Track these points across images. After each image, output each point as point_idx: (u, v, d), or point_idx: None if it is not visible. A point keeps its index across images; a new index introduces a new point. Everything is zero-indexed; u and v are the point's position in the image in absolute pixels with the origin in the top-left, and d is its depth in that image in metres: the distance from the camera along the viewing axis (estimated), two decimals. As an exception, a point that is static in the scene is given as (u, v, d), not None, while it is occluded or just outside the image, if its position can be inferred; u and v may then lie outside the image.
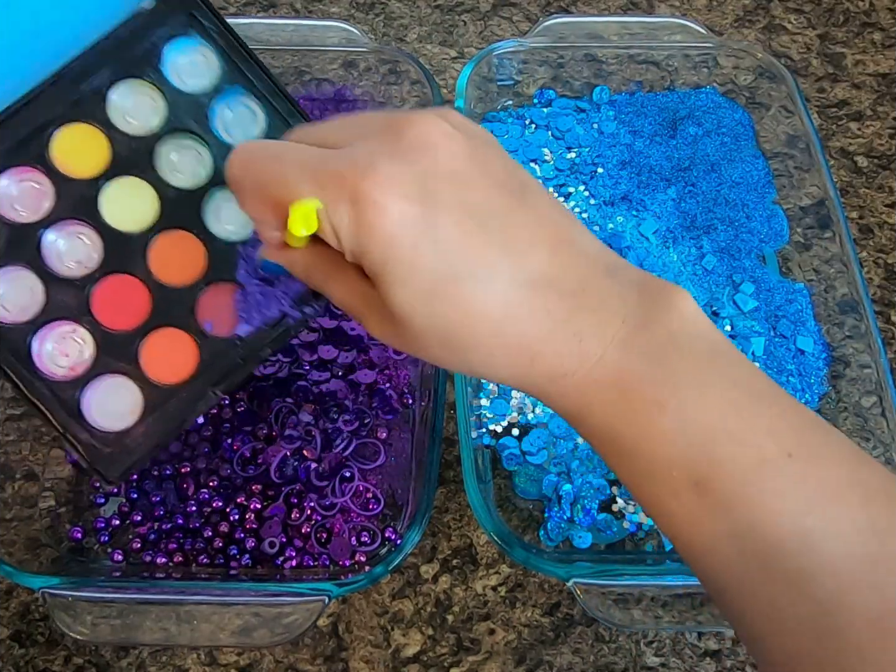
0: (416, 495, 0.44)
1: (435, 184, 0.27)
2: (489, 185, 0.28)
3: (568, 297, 0.27)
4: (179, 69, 0.42)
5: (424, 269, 0.26)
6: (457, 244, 0.27)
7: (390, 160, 0.26)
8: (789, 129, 0.58)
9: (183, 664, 0.44)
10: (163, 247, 0.41)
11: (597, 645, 0.45)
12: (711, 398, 0.26)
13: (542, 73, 0.61)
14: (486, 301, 0.27)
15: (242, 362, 0.41)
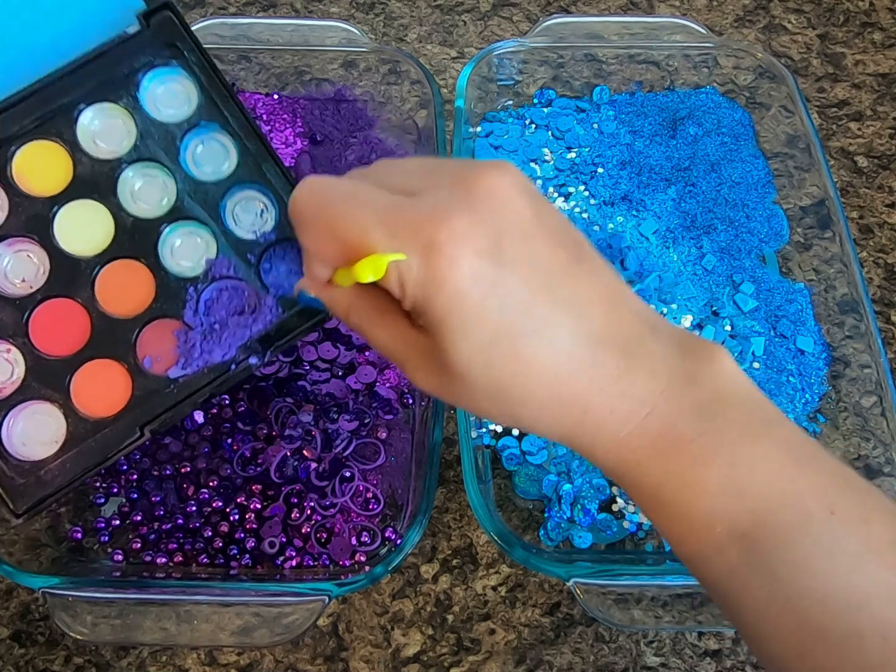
0: (416, 495, 0.44)
1: (505, 240, 0.27)
2: (552, 242, 0.28)
3: (620, 354, 0.28)
4: (156, 98, 0.42)
5: (489, 324, 0.27)
6: (523, 302, 0.27)
7: (464, 213, 0.27)
8: (789, 129, 0.58)
9: (183, 664, 0.44)
10: (111, 275, 0.40)
11: (597, 645, 0.45)
12: (757, 455, 0.27)
13: (542, 73, 0.61)
14: (546, 357, 0.27)
15: (175, 404, 0.40)
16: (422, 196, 0.28)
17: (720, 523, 0.27)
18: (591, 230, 0.55)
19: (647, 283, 0.52)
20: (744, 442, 0.27)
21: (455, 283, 0.26)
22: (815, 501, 0.26)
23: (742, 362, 0.51)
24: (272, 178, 0.42)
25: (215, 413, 0.47)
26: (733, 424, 0.27)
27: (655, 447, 0.27)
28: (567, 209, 0.56)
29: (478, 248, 0.26)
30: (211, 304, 0.41)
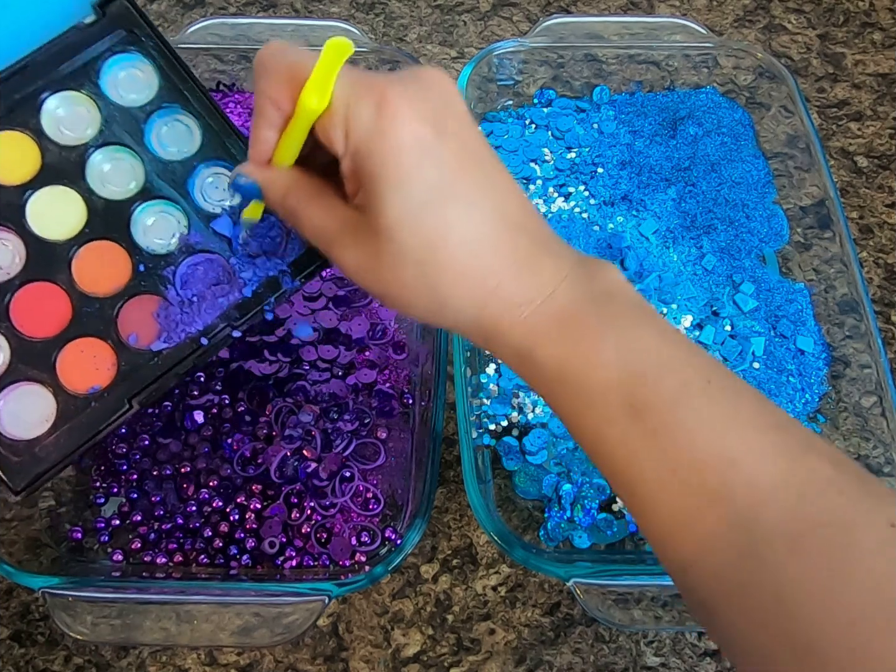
0: (416, 495, 0.44)
1: (444, 117, 0.30)
2: (479, 134, 0.32)
3: (531, 240, 0.31)
4: (117, 83, 0.43)
5: (422, 182, 0.29)
6: (454, 171, 0.30)
7: (412, 84, 0.30)
8: (789, 129, 0.58)
9: (183, 664, 0.44)
10: (88, 256, 0.41)
11: (597, 645, 0.45)
12: (643, 334, 0.30)
13: (542, 73, 0.61)
14: (470, 227, 0.30)
15: (160, 376, 0.41)
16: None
17: (613, 394, 0.29)
18: (591, 230, 0.55)
19: (647, 283, 0.52)
20: (633, 324, 0.30)
21: (398, 137, 0.29)
22: (693, 371, 0.29)
23: (742, 362, 0.51)
24: (237, 153, 0.44)
25: (215, 413, 0.47)
26: (624, 312, 0.31)
27: (558, 324, 0.30)
28: (567, 209, 0.56)
29: (422, 114, 0.29)
30: (187, 277, 0.42)
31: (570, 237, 0.54)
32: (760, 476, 0.27)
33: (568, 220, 0.55)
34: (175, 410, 0.47)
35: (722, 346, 0.51)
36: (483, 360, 0.51)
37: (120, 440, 0.47)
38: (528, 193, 0.57)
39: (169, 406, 0.47)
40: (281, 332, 0.49)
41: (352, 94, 0.30)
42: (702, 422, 0.28)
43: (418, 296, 0.31)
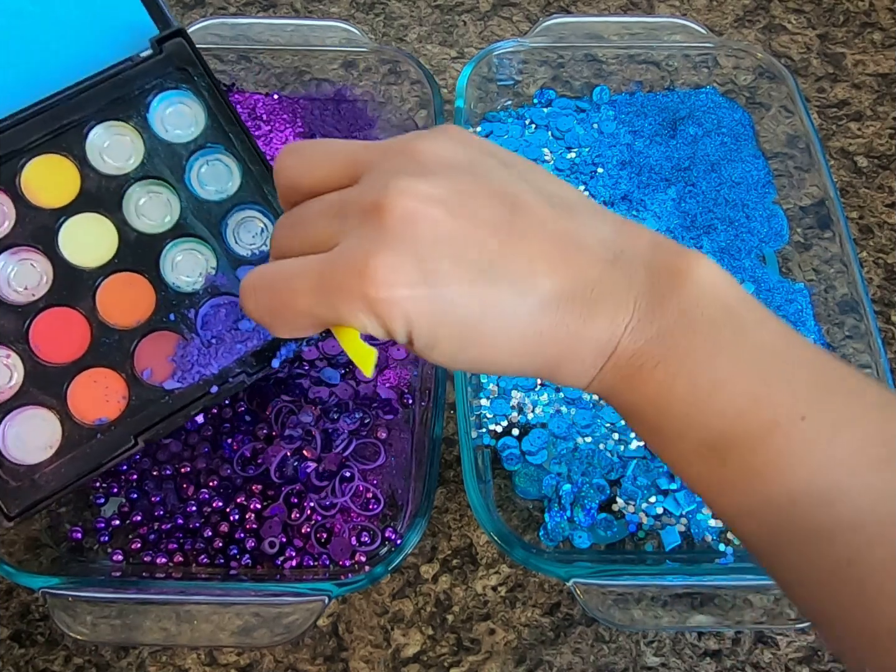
0: (416, 495, 0.44)
1: (429, 260, 0.27)
2: (478, 229, 0.28)
3: (580, 304, 0.28)
4: (164, 118, 0.44)
5: (445, 337, 0.28)
6: (467, 300, 0.28)
7: (380, 255, 0.27)
8: (789, 129, 0.58)
9: (183, 664, 0.44)
10: (113, 287, 0.42)
11: (597, 645, 0.45)
12: (722, 366, 0.27)
13: (542, 73, 0.61)
14: (507, 337, 0.28)
15: (169, 415, 0.41)
16: (340, 249, 0.28)
17: (690, 437, 0.28)
18: (591, 230, 0.55)
19: (647, 283, 0.52)
20: (709, 359, 0.27)
21: (403, 320, 0.28)
22: (782, 410, 0.26)
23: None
24: (273, 199, 0.44)
25: (215, 413, 0.47)
26: (700, 343, 0.27)
27: (623, 377, 0.28)
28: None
29: (408, 281, 0.27)
30: (209, 318, 0.42)
31: (570, 237, 0.54)
32: (862, 519, 0.25)
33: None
34: (175, 410, 0.47)
35: (722, 346, 0.51)
36: (483, 360, 0.50)
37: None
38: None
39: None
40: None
41: (343, 316, 0.29)
42: (788, 467, 0.26)
43: None
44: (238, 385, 0.42)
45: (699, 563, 0.44)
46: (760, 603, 0.42)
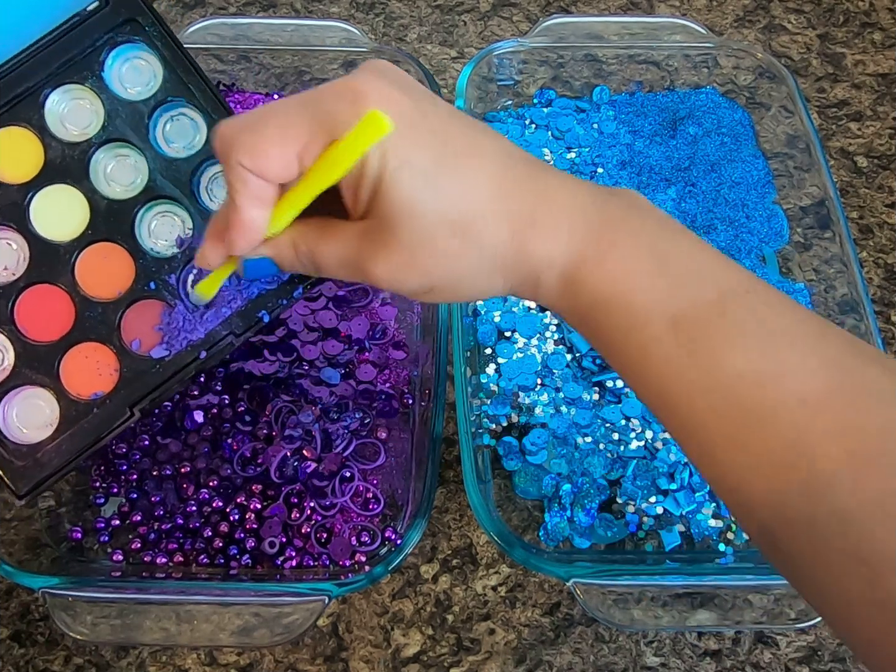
0: (416, 495, 0.44)
1: (412, 88, 0.30)
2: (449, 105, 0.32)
3: (545, 172, 0.31)
4: (121, 76, 0.42)
5: (425, 147, 0.29)
6: (447, 125, 0.30)
7: (368, 74, 0.29)
8: (789, 129, 0.58)
9: (183, 664, 0.44)
10: (90, 259, 0.41)
11: (597, 645, 0.45)
12: (680, 248, 0.30)
13: (542, 73, 0.61)
14: (483, 171, 0.30)
15: (162, 383, 0.40)
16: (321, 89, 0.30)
17: (658, 309, 0.28)
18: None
19: (647, 283, 0.52)
20: (665, 238, 0.30)
21: (388, 112, 0.28)
22: (733, 280, 0.28)
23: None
24: None
25: (215, 413, 0.47)
26: (657, 224, 0.30)
27: (595, 244, 0.30)
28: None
29: (394, 87, 0.29)
30: (192, 281, 0.41)
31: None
32: (808, 389, 0.25)
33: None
34: (175, 410, 0.47)
35: (722, 346, 0.51)
36: (483, 361, 0.51)
37: (120, 440, 0.46)
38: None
39: (169, 406, 0.47)
40: (281, 331, 0.49)
41: (332, 109, 0.29)
42: (744, 335, 0.27)
43: (461, 269, 0.30)
44: (227, 347, 0.41)
45: (699, 563, 0.44)
46: (760, 603, 0.42)
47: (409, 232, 0.29)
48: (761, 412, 0.26)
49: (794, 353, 0.26)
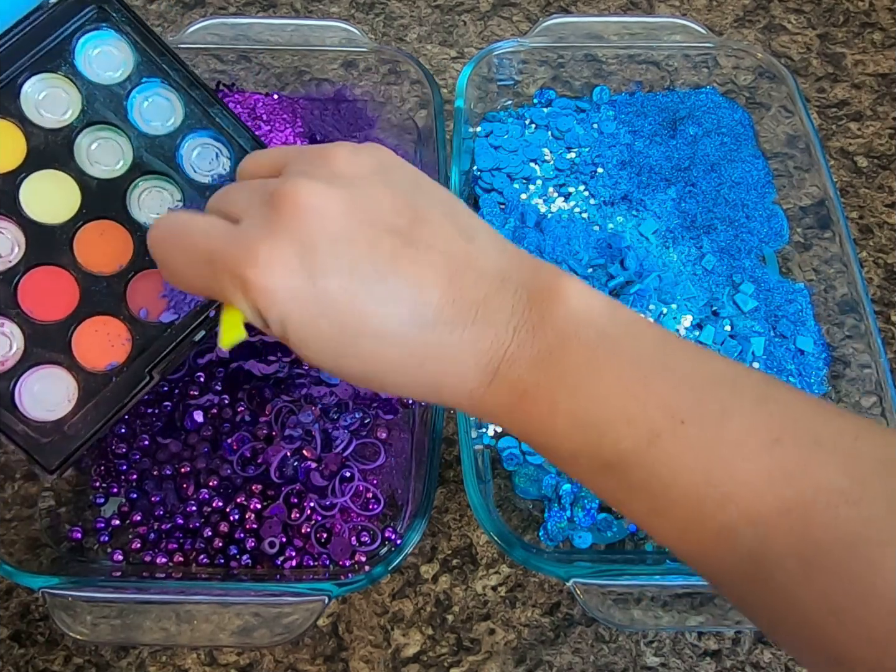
0: (416, 495, 0.44)
1: (316, 252, 0.28)
2: (372, 235, 0.29)
3: (460, 327, 0.28)
4: (93, 61, 0.43)
5: (321, 336, 0.29)
6: (345, 306, 0.28)
7: (266, 241, 0.28)
8: (789, 129, 0.58)
9: (183, 664, 0.44)
10: (88, 236, 0.42)
11: (597, 645, 0.45)
12: (599, 390, 0.27)
13: (542, 73, 0.61)
14: (385, 353, 0.29)
15: (176, 345, 0.41)
16: (239, 226, 0.30)
17: (584, 457, 0.28)
18: (591, 230, 0.55)
19: (647, 283, 0.52)
20: (584, 381, 0.27)
21: (276, 309, 0.28)
22: (662, 416, 0.26)
23: (742, 362, 0.51)
24: (221, 121, 0.44)
25: (215, 413, 0.47)
26: (576, 362, 0.28)
27: (505, 404, 0.29)
28: (567, 209, 0.56)
29: (287, 271, 0.28)
30: None
31: (570, 237, 0.54)
32: (759, 509, 0.25)
33: (568, 220, 0.55)
34: (175, 410, 0.47)
35: (722, 346, 0.51)
36: (483, 360, 0.50)
37: (120, 440, 0.46)
38: (528, 193, 0.57)
39: (169, 406, 0.47)
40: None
41: (227, 294, 0.29)
42: (673, 472, 0.26)
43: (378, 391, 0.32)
44: None
45: (699, 563, 0.44)
46: (760, 603, 0.42)
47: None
48: (716, 533, 0.26)
49: (742, 471, 0.25)
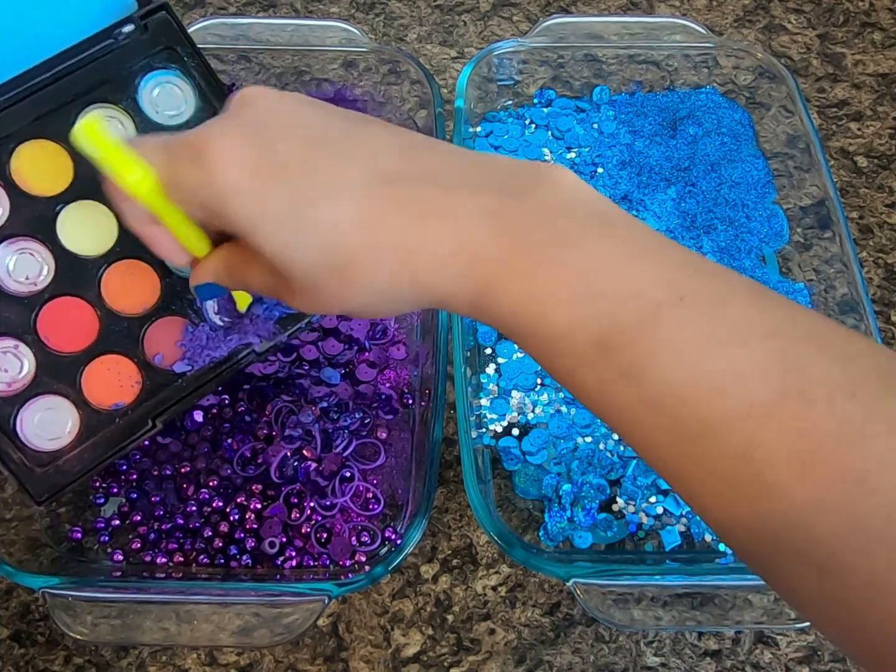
0: (416, 495, 0.44)
1: (268, 123, 0.28)
2: (328, 115, 0.29)
3: (427, 185, 0.27)
4: (155, 100, 0.43)
5: (276, 206, 0.27)
6: (298, 168, 0.27)
7: (221, 120, 0.29)
8: (789, 129, 0.58)
9: (183, 664, 0.44)
10: (117, 274, 0.42)
11: (597, 645, 0.45)
12: (601, 255, 0.26)
13: (542, 73, 0.61)
14: (345, 212, 0.27)
15: (184, 396, 0.41)
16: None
17: (580, 332, 0.25)
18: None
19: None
20: (586, 244, 0.26)
21: (224, 181, 0.27)
22: (663, 290, 0.25)
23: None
24: None
25: (215, 413, 0.47)
26: (573, 229, 0.26)
27: (501, 268, 0.26)
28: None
29: (239, 137, 0.28)
30: (215, 303, 0.42)
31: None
32: (755, 399, 0.23)
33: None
34: (175, 410, 0.47)
35: (722, 346, 0.51)
36: (483, 360, 0.51)
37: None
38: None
39: (169, 406, 0.47)
40: (281, 332, 0.49)
41: (170, 160, 0.29)
42: (672, 351, 0.24)
43: (362, 300, 0.29)
44: (248, 357, 0.42)
45: (699, 563, 0.44)
46: (760, 603, 0.42)
47: (294, 278, 0.28)
48: (707, 426, 0.24)
49: (738, 358, 0.24)
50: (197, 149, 0.28)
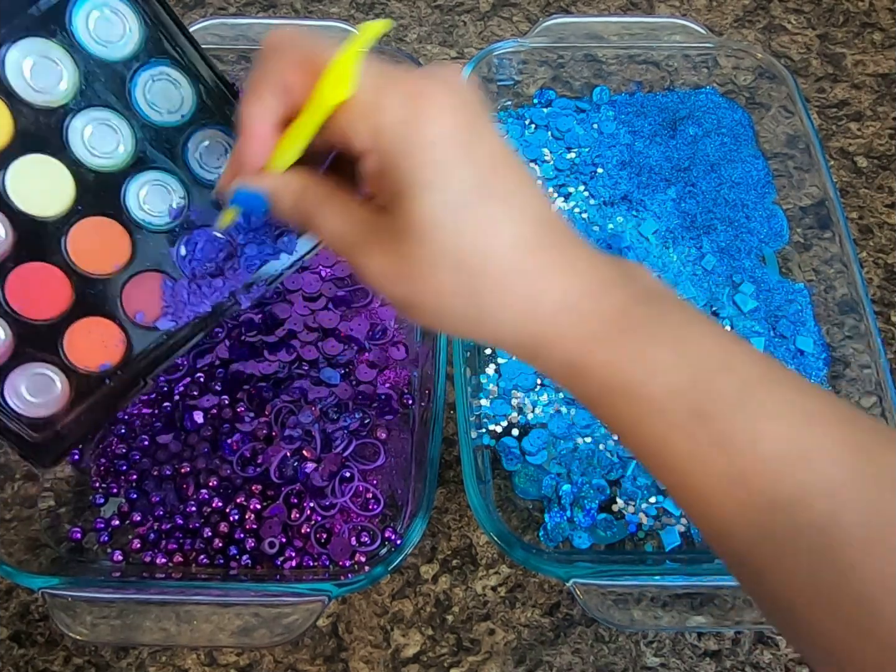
0: (416, 495, 0.44)
1: (476, 114, 0.28)
2: (502, 134, 0.30)
3: (568, 240, 0.29)
4: (93, 31, 0.37)
5: (460, 180, 0.27)
6: (490, 167, 0.28)
7: (437, 80, 0.28)
8: (789, 129, 0.58)
9: (183, 664, 0.44)
10: (82, 234, 0.38)
11: (597, 645, 0.45)
12: (696, 332, 0.28)
13: (542, 73, 0.61)
14: (510, 225, 0.28)
15: (171, 351, 0.40)
16: None
17: (678, 400, 0.27)
18: (591, 230, 0.55)
19: (647, 284, 0.52)
20: (685, 323, 0.28)
21: (435, 130, 0.27)
22: (753, 368, 0.27)
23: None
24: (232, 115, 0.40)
25: (215, 413, 0.47)
26: (672, 311, 0.29)
27: (609, 328, 0.28)
28: (567, 209, 0.56)
29: (459, 106, 0.27)
30: (191, 255, 0.40)
31: (569, 237, 0.54)
32: (835, 472, 0.25)
33: (567, 220, 0.55)
34: (175, 410, 0.47)
35: (722, 346, 0.51)
36: (483, 361, 0.51)
37: (119, 440, 0.46)
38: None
39: (169, 406, 0.47)
40: (281, 332, 0.49)
41: (380, 85, 0.27)
42: (766, 423, 0.26)
43: (455, 304, 0.28)
44: (233, 307, 0.40)
45: (699, 563, 0.44)
46: (760, 603, 0.42)
47: (416, 248, 0.28)
48: (791, 497, 0.25)
49: (823, 437, 0.26)
50: (419, 88, 0.27)
